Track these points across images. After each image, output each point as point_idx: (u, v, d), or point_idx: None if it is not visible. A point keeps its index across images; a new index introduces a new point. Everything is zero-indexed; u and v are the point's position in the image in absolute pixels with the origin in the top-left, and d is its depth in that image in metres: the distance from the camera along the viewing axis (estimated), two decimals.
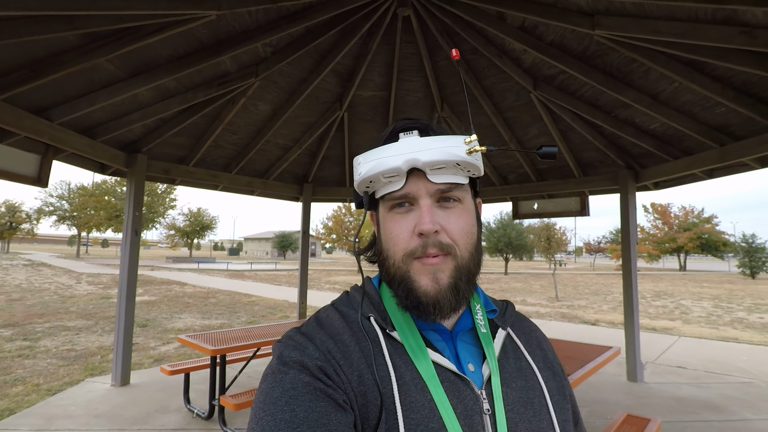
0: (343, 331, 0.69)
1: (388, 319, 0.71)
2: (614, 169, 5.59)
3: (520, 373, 0.73)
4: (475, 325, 0.74)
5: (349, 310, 0.74)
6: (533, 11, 3.48)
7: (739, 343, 8.30)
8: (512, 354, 0.75)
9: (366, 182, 0.71)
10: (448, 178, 0.68)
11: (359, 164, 0.71)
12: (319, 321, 0.72)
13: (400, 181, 0.68)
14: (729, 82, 3.64)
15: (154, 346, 7.26)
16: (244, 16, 3.54)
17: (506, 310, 0.83)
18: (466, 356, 0.70)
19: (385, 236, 0.71)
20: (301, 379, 0.60)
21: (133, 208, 4.83)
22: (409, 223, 0.68)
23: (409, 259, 0.67)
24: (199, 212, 54.56)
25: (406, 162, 0.66)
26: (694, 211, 43.46)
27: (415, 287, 0.66)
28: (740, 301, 16.07)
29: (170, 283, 19.34)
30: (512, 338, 0.78)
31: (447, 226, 0.67)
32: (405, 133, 0.70)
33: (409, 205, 0.69)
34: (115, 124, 4.32)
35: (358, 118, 5.89)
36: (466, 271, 0.68)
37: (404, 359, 0.66)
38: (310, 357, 0.62)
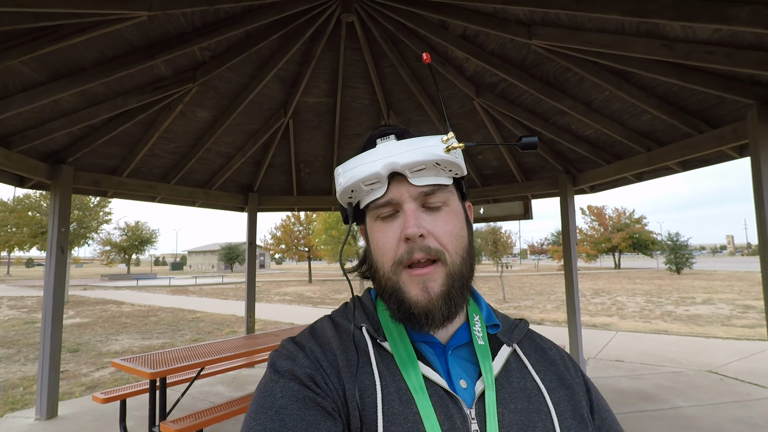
0: (333, 340, 0.68)
1: (380, 330, 0.70)
2: (554, 173, 5.83)
3: (524, 394, 0.67)
4: (472, 337, 0.71)
5: (343, 320, 0.73)
6: (474, 20, 3.56)
7: (669, 335, 8.92)
8: (517, 373, 0.70)
9: (348, 192, 0.69)
10: (429, 179, 0.66)
11: (339, 175, 0.70)
12: (313, 330, 0.72)
13: (382, 187, 0.66)
14: (653, 92, 3.90)
15: (86, 372, 6.70)
16: (179, 17, 3.37)
17: (516, 326, 0.77)
18: (458, 372, 0.67)
19: (374, 247, 0.70)
20: (290, 388, 0.59)
21: (59, 224, 4.43)
22: (395, 231, 0.66)
23: (398, 269, 0.65)
24: (137, 226, 51.65)
25: (384, 166, 0.65)
26: (626, 213, 46.38)
27: (405, 298, 0.64)
28: (668, 296, 17.24)
29: (106, 302, 18.10)
30: (518, 356, 0.72)
31: (434, 230, 0.65)
32: (382, 139, 0.69)
33: (394, 212, 0.67)
34: (34, 132, 3.95)
35: (304, 125, 5.78)
36: (459, 278, 0.66)
37: (391, 370, 0.64)
38: (300, 365, 0.62)
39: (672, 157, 4.36)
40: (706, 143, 3.96)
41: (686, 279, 26.58)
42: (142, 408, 4.37)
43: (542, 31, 3.47)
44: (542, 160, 5.77)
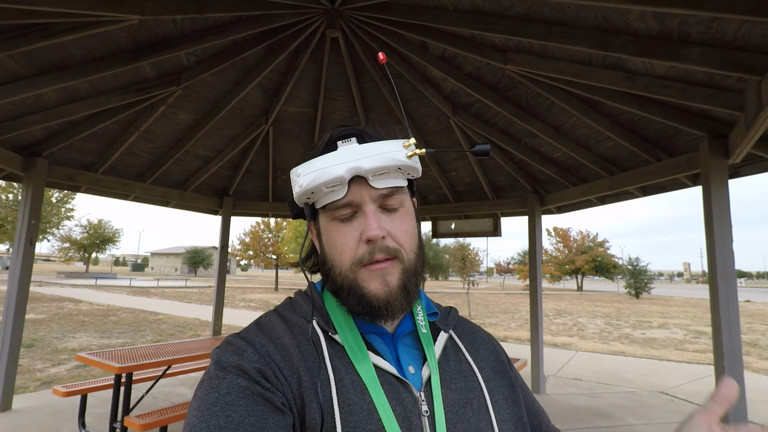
0: (284, 334, 0.68)
1: (330, 323, 0.70)
2: (523, 193, 6.09)
3: (460, 375, 0.73)
4: (416, 326, 0.75)
5: (291, 314, 0.73)
6: (453, 43, 3.76)
7: (626, 356, 9.29)
8: (453, 356, 0.75)
9: (307, 194, 0.70)
10: (389, 182, 0.68)
11: (299, 176, 0.69)
12: (260, 325, 0.70)
13: (342, 189, 0.67)
14: (616, 120, 4.18)
15: (41, 368, 6.52)
16: (168, 23, 3.43)
17: (449, 314, 0.83)
18: (406, 359, 0.71)
19: (330, 246, 0.70)
20: (238, 384, 0.58)
21: (29, 216, 4.36)
22: (354, 231, 0.68)
23: (356, 267, 0.67)
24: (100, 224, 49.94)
25: (348, 170, 0.66)
26: (590, 236, 47.07)
27: (364, 293, 0.66)
28: (627, 319, 17.87)
29: (62, 299, 17.44)
30: (454, 340, 0.78)
31: (392, 230, 0.68)
32: (342, 141, 0.69)
33: (352, 213, 0.68)
34: (12, 124, 3.92)
35: (284, 133, 5.87)
36: (413, 272, 0.69)
37: (344, 362, 0.66)
38: (249, 360, 0.61)
39: (632, 183, 4.65)
40: (663, 171, 4.23)
41: (644, 303, 27.54)
42: (100, 405, 4.33)
43: (516, 57, 3.69)
44: (512, 179, 6.03)
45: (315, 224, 0.76)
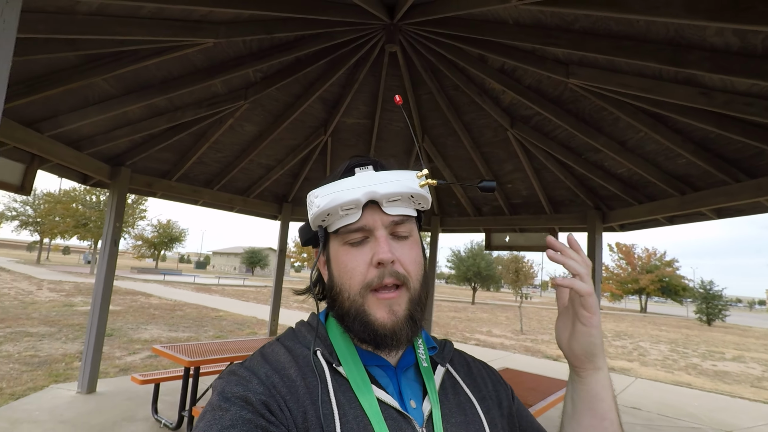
0: (289, 365, 0.68)
1: (334, 354, 0.71)
2: (583, 208, 5.86)
3: (460, 408, 0.74)
4: (417, 359, 0.76)
5: (295, 345, 0.73)
6: (513, 56, 3.71)
7: (692, 389, 8.55)
8: (451, 390, 0.76)
9: (323, 215, 0.71)
10: (401, 210, 0.71)
11: (316, 197, 0.72)
12: (264, 356, 0.71)
13: (357, 213, 0.69)
14: (689, 136, 3.94)
15: (119, 355, 7.10)
16: (239, 44, 3.66)
17: (444, 347, 0.84)
18: (408, 393, 0.71)
19: (340, 270, 0.72)
20: (242, 416, 0.58)
21: (114, 219, 4.84)
22: (365, 255, 0.69)
23: (365, 292, 0.68)
24: (168, 224, 53.32)
25: (365, 194, 0.68)
26: (656, 254, 43.56)
27: (371, 320, 0.67)
28: (695, 347, 16.53)
29: (135, 293, 18.79)
30: (451, 374, 0.79)
31: (401, 257, 0.70)
32: (360, 168, 0.73)
33: (364, 238, 0.70)
34: (102, 137, 4.36)
35: (341, 143, 6.03)
36: (418, 302, 0.71)
37: (348, 396, 0.66)
38: (254, 392, 0.61)
39: (706, 204, 4.34)
40: (742, 192, 3.92)
41: (717, 332, 25.37)
42: (170, 394, 4.66)
43: (580, 71, 3.58)
44: (572, 194, 5.82)
45: (325, 251, 0.77)
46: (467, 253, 37.16)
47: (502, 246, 6.85)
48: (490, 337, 14.24)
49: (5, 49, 1.40)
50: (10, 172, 3.76)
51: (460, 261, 36.86)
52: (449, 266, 39.12)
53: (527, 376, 4.09)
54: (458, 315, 22.63)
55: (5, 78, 1.43)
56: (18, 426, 3.81)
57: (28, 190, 3.93)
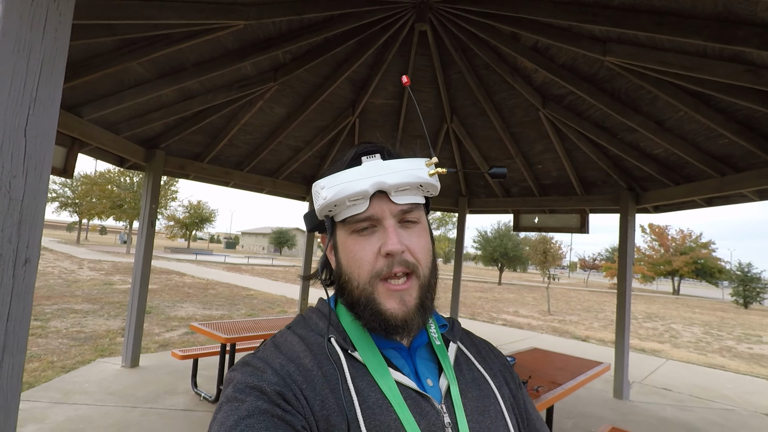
0: (304, 355, 0.68)
1: (348, 340, 0.71)
2: (616, 189, 5.72)
3: (475, 383, 0.75)
4: (430, 339, 0.76)
5: (308, 333, 0.73)
6: (547, 34, 3.60)
7: (726, 371, 8.38)
8: (465, 366, 0.78)
9: (330, 206, 0.70)
10: (409, 198, 0.70)
11: (323, 188, 0.70)
12: (277, 345, 0.70)
13: (364, 203, 0.68)
14: (733, 116, 3.77)
15: (158, 332, 7.44)
16: (269, 25, 3.68)
17: (453, 325, 0.84)
18: (424, 372, 0.72)
19: (348, 259, 0.71)
20: (258, 407, 0.58)
21: (150, 201, 5.01)
22: (373, 245, 0.69)
23: (375, 281, 0.68)
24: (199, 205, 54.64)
25: (372, 185, 0.67)
26: (691, 235, 42.13)
27: (381, 310, 0.67)
28: (731, 330, 16.07)
29: (170, 272, 19.46)
30: (463, 351, 0.80)
31: (410, 245, 0.69)
32: (367, 157, 0.71)
33: (372, 227, 0.70)
34: (138, 121, 4.49)
35: (369, 124, 6.02)
36: (428, 288, 0.71)
37: (367, 380, 0.66)
38: (269, 382, 0.62)
39: (748, 185, 4.18)
40: None
41: (754, 315, 24.46)
42: (208, 368, 4.88)
43: (617, 49, 3.46)
44: (605, 175, 5.68)
45: (332, 238, 0.76)
46: (494, 233, 36.89)
47: (530, 227, 6.77)
48: (517, 317, 14.19)
49: (62, 42, 1.45)
50: (53, 155, 3.91)
51: (487, 242, 36.64)
52: (475, 247, 38.95)
53: (556, 356, 4.08)
54: (484, 295, 22.59)
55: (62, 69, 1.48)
56: (71, 396, 4.07)
57: (71, 172, 4.10)
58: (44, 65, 1.42)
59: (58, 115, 1.48)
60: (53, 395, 4.08)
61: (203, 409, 3.99)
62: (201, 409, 3.99)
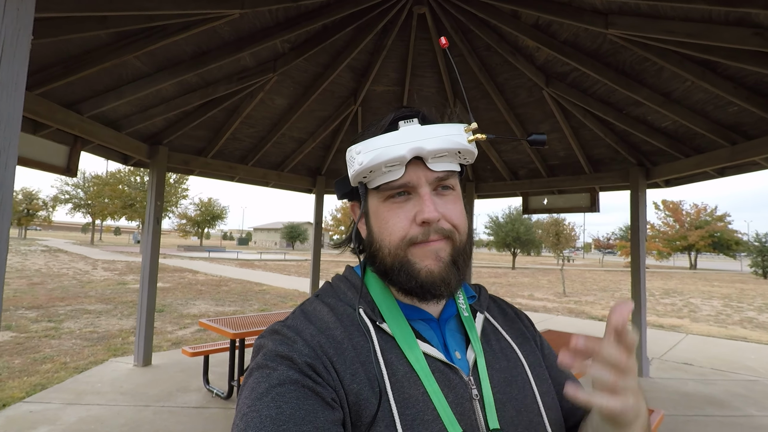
0: (335, 326, 0.67)
1: (377, 311, 0.70)
2: (625, 166, 5.63)
3: (502, 354, 0.74)
4: (458, 310, 0.76)
5: (337, 302, 0.72)
6: (547, 10, 3.53)
7: (748, 342, 8.30)
8: (492, 336, 0.77)
9: (365, 172, 0.68)
10: (446, 165, 0.68)
11: (359, 153, 0.68)
12: (307, 314, 0.70)
13: (400, 169, 0.67)
14: (742, 82, 3.67)
15: (171, 330, 7.52)
16: (265, 14, 3.65)
17: (480, 293, 0.84)
18: (452, 344, 0.71)
19: (380, 226, 0.70)
20: (288, 376, 0.58)
21: (155, 198, 5.02)
22: (407, 212, 0.67)
23: (407, 246, 0.67)
24: (210, 202, 55.09)
25: (410, 150, 0.65)
26: (706, 209, 42.32)
27: (417, 269, 0.66)
28: (751, 301, 15.94)
29: (183, 270, 19.69)
30: (490, 321, 0.80)
31: (446, 213, 0.68)
32: (405, 122, 0.68)
33: (406, 194, 0.68)
34: (139, 117, 4.49)
35: (372, 112, 5.98)
36: (463, 253, 0.69)
37: (396, 353, 0.66)
38: (299, 353, 0.61)
39: (761, 152, 4.08)
40: None
41: None
42: (220, 365, 4.89)
43: (620, 20, 3.38)
44: (613, 151, 5.59)
45: (363, 205, 0.74)
46: (505, 218, 36.73)
47: (540, 209, 6.70)
48: (532, 301, 14.14)
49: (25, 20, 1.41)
50: (56, 154, 3.94)
51: (499, 227, 36.51)
52: (487, 233, 38.82)
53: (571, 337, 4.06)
54: (498, 280, 22.55)
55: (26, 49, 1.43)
56: (83, 397, 4.12)
57: (74, 171, 4.13)
58: (5, 46, 1.36)
59: (23, 99, 1.43)
60: (66, 396, 4.13)
61: (216, 406, 4.00)
62: (213, 406, 4.00)
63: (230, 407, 3.97)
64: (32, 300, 9.89)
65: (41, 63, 3.31)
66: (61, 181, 46.39)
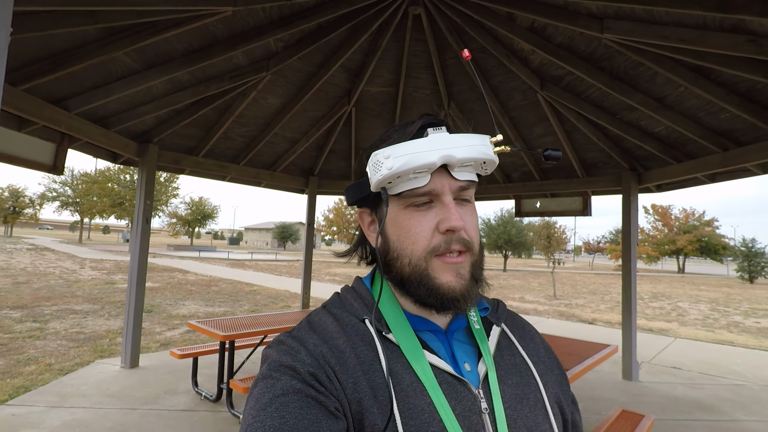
0: (338, 335, 0.67)
1: (383, 321, 0.70)
2: (617, 170, 5.65)
3: (516, 369, 0.73)
4: (469, 322, 0.75)
5: (342, 313, 0.72)
6: (543, 13, 3.53)
7: (734, 347, 8.39)
8: (507, 350, 0.76)
9: (392, 178, 0.66)
10: (469, 175, 0.68)
11: (387, 158, 0.65)
12: (312, 325, 0.70)
13: (426, 177, 0.66)
14: (734, 89, 3.70)
15: (159, 331, 7.40)
16: (259, 12, 3.60)
17: (498, 307, 0.84)
18: (461, 356, 0.71)
19: (401, 234, 0.68)
20: (292, 386, 0.59)
21: (145, 197, 4.93)
22: (430, 221, 0.67)
23: (430, 257, 0.66)
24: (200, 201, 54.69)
25: (441, 158, 0.64)
26: (695, 214, 42.91)
27: (437, 284, 0.65)
28: (737, 305, 16.10)
29: (172, 270, 19.48)
30: (507, 334, 0.79)
31: (466, 224, 0.68)
32: (434, 129, 0.68)
33: (429, 201, 0.68)
34: (128, 114, 4.41)
35: (366, 113, 5.95)
36: (478, 266, 0.70)
37: (402, 362, 0.65)
38: (302, 363, 0.62)
39: (751, 159, 4.11)
40: None
41: (760, 289, 24.57)
42: (209, 367, 4.82)
43: (615, 25, 3.39)
44: (606, 156, 5.61)
45: (381, 212, 0.72)
46: (497, 220, 36.92)
47: (532, 212, 6.71)
48: (523, 303, 14.16)
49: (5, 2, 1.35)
50: (42, 151, 3.85)
51: (491, 229, 36.68)
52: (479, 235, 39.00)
53: (562, 341, 4.03)
54: (490, 282, 22.17)
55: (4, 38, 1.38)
56: (68, 400, 4.02)
57: (61, 169, 4.03)
58: None
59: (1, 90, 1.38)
60: (50, 399, 4.02)
61: (204, 409, 3.92)
62: (202, 409, 3.92)
63: (219, 410, 3.91)
64: (17, 299, 9.70)
65: (27, 58, 3.24)
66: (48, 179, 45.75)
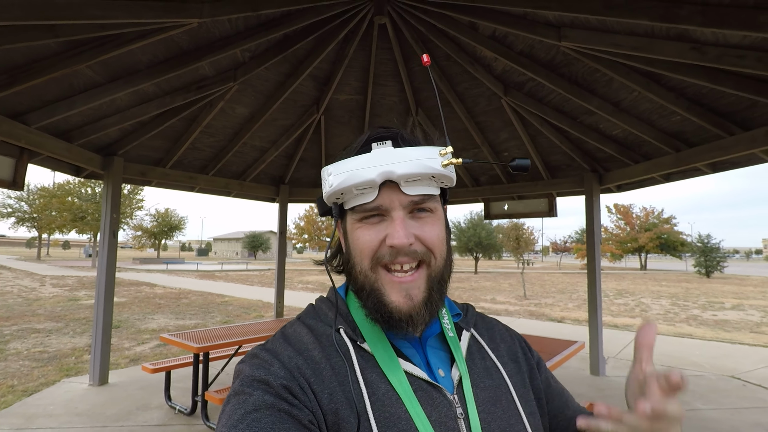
0: (313, 346, 0.67)
1: (357, 331, 0.69)
2: (580, 172, 5.87)
3: (487, 373, 0.73)
4: (442, 329, 0.74)
5: (317, 324, 0.72)
6: (504, 22, 3.66)
7: (693, 339, 8.80)
8: (478, 354, 0.76)
9: (337, 194, 0.68)
10: (421, 189, 0.66)
11: (330, 175, 0.67)
12: (286, 337, 0.69)
13: (373, 192, 0.65)
14: (683, 93, 3.92)
15: (128, 346, 7.20)
16: (225, 23, 3.59)
17: (467, 311, 0.83)
18: (435, 362, 0.71)
19: (353, 246, 0.69)
20: (264, 401, 0.58)
21: (111, 210, 4.81)
22: (379, 233, 0.66)
23: (377, 267, 0.66)
24: (167, 213, 53.23)
25: (380, 174, 0.64)
26: (654, 212, 44.63)
27: (385, 302, 0.65)
28: (695, 300, 16.82)
29: (139, 284, 18.90)
30: (476, 339, 0.78)
31: (421, 235, 0.66)
32: (378, 144, 0.67)
33: (380, 215, 0.67)
34: (91, 127, 4.31)
35: (335, 121, 5.98)
36: (438, 280, 0.68)
37: (377, 372, 0.65)
38: (275, 376, 0.61)
39: (701, 159, 4.36)
40: (736, 145, 3.94)
41: (716, 283, 25.79)
42: (182, 380, 4.73)
43: (571, 33, 3.54)
44: (569, 158, 5.82)
45: (342, 223, 0.74)
46: (467, 223, 37.40)
47: (501, 214, 6.89)
48: (494, 305, 14.43)
49: None
50: (0, 167, 3.72)
51: (461, 232, 37.11)
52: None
53: (532, 339, 4.16)
54: (462, 285, 22.91)
55: None
56: (34, 421, 3.87)
57: (20, 185, 3.89)
58: None
59: None
60: (14, 421, 3.87)
61: (179, 423, 3.85)
62: (177, 423, 3.85)
63: (194, 423, 3.84)
64: None
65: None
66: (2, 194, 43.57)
